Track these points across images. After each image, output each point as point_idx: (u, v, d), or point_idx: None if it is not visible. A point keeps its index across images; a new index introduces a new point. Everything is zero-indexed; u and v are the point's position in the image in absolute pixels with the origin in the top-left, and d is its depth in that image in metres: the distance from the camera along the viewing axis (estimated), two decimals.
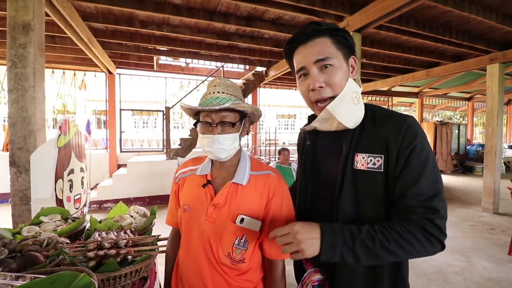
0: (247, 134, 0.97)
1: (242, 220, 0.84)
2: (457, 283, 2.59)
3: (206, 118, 0.86)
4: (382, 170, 0.74)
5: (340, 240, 0.68)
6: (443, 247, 0.69)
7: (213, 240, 0.86)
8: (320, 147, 0.91)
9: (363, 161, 0.77)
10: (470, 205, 5.31)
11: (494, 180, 4.77)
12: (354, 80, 0.82)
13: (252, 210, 0.86)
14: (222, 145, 0.85)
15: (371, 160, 0.76)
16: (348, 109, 0.78)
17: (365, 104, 0.84)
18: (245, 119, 0.91)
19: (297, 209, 0.95)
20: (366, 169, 0.76)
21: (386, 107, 9.87)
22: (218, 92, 0.86)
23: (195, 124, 0.91)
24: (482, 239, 3.65)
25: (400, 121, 0.75)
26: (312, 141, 0.92)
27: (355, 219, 0.77)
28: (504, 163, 9.35)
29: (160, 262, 1.33)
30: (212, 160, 0.95)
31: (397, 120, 0.76)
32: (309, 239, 0.67)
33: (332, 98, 0.78)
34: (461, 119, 16.12)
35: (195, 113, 0.92)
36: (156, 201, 5.23)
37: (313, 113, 0.90)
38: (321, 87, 0.77)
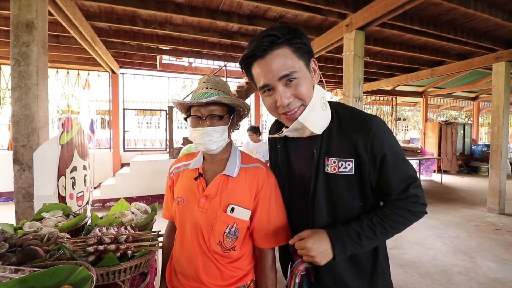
0: (237, 129, 1.00)
1: (232, 209, 0.88)
2: (461, 283, 2.55)
3: (196, 112, 0.89)
4: (353, 173, 0.79)
5: (348, 242, 0.76)
6: (425, 214, 0.82)
7: (205, 230, 0.89)
8: (291, 150, 0.94)
9: (334, 165, 0.80)
10: (475, 206, 5.24)
11: (500, 180, 4.71)
12: (320, 82, 0.85)
13: (242, 201, 0.89)
14: (211, 137, 0.88)
15: (342, 164, 0.80)
16: (317, 117, 0.80)
17: (329, 104, 0.86)
18: (234, 113, 0.94)
19: None
20: (337, 173, 0.80)
21: (390, 106, 9.93)
22: (207, 88, 0.89)
23: (185, 119, 0.95)
24: (487, 239, 3.61)
25: (366, 126, 0.78)
26: (282, 145, 0.95)
27: (330, 219, 0.83)
28: (510, 163, 9.22)
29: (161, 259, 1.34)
30: (204, 154, 0.98)
31: (363, 124, 0.79)
32: (321, 252, 0.76)
33: (301, 106, 0.79)
34: (466, 119, 15.93)
35: (187, 109, 0.95)
36: (158, 200, 5.24)
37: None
38: (290, 101, 0.77)
